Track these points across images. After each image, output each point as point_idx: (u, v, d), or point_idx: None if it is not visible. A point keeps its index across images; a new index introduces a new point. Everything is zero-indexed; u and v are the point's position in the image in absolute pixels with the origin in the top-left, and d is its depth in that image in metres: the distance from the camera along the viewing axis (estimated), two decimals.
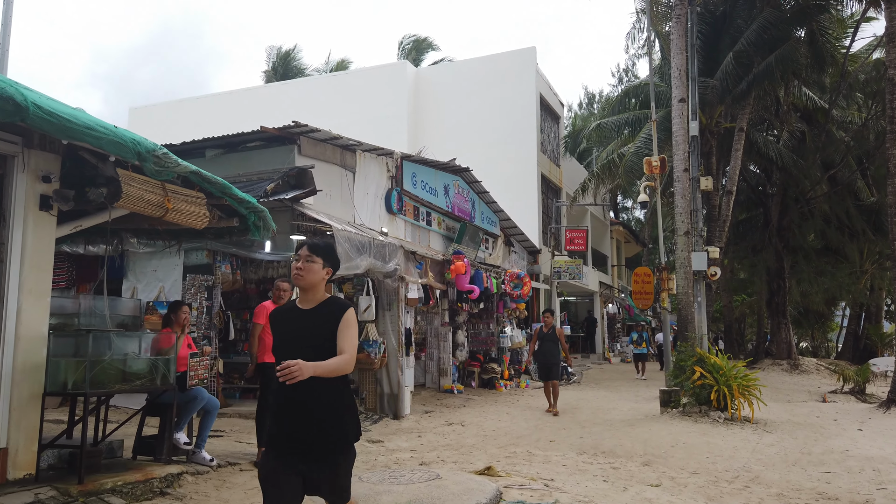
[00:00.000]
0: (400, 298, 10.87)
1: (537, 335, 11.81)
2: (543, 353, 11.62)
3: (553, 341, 11.59)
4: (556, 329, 11.71)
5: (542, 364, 11.77)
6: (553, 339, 11.60)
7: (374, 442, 8.86)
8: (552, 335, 11.62)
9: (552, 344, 11.59)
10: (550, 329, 11.67)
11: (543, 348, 11.59)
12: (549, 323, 11.75)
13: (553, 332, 11.66)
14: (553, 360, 11.55)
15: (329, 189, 10.47)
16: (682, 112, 14.63)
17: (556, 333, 11.66)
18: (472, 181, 16.19)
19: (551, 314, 11.99)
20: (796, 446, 8.73)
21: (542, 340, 11.64)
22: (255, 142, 9.70)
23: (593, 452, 8.49)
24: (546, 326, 11.74)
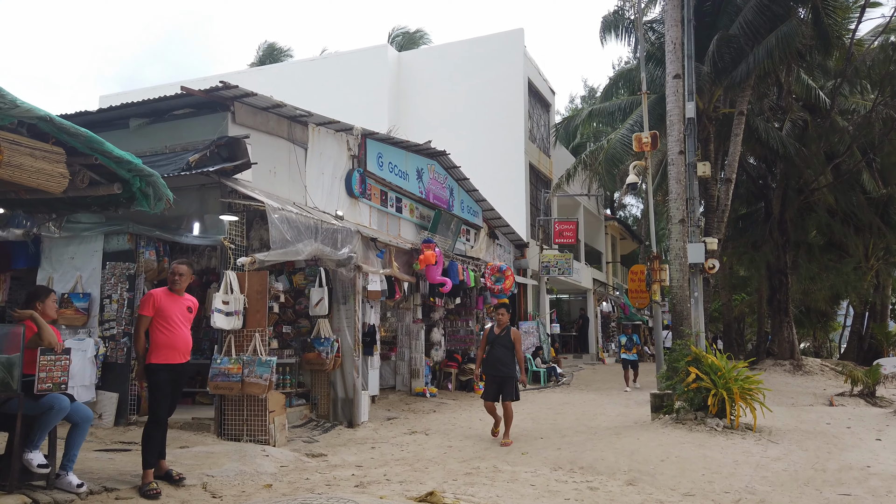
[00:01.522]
0: (357, 290, 9.62)
1: (486, 338, 8.71)
2: (492, 363, 8.50)
3: (507, 347, 8.49)
4: (511, 331, 8.61)
5: (490, 377, 8.57)
6: (507, 343, 8.50)
7: (315, 456, 7.60)
8: (506, 339, 8.52)
9: (505, 351, 8.48)
10: (505, 330, 8.59)
11: (493, 356, 8.50)
12: (504, 322, 8.64)
13: (507, 334, 8.55)
14: (505, 371, 8.46)
15: (274, 166, 9.21)
16: (677, 89, 13.38)
17: (512, 337, 8.55)
18: (450, 166, 14.93)
19: (507, 310, 8.76)
20: (807, 461, 7.47)
21: (493, 345, 8.55)
22: (182, 109, 8.44)
23: (570, 468, 7.24)
24: (499, 326, 8.62)
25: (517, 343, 8.58)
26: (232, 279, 7.74)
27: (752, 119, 19.78)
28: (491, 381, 8.57)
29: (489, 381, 8.59)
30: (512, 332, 8.62)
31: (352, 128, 10.55)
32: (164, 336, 5.60)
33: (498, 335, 8.57)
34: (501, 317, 8.69)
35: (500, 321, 8.68)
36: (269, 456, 7.16)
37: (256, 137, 8.76)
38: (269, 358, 7.58)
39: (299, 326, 9.85)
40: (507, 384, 8.50)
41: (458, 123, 21.02)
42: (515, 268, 19.83)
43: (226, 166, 7.54)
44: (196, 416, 8.28)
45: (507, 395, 8.51)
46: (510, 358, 8.50)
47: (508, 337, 8.56)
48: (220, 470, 6.26)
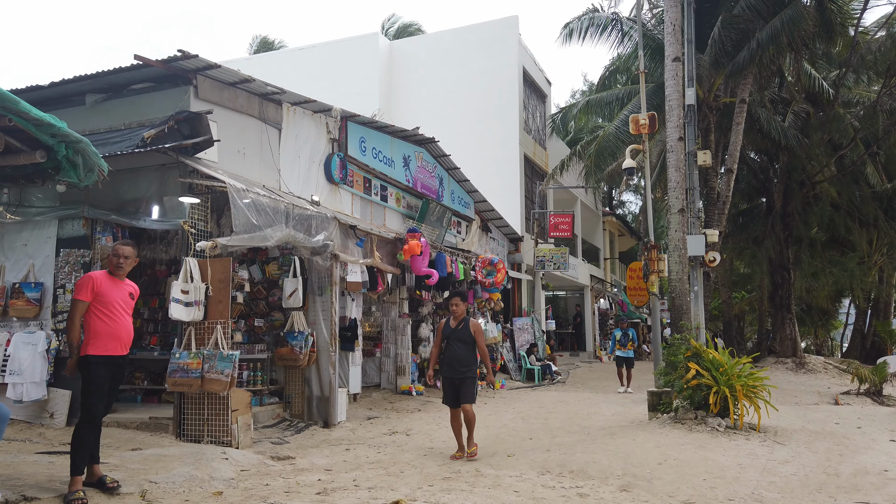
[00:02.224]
0: (334, 281, 8.99)
1: (441, 333, 7.32)
2: (449, 362, 7.13)
3: (465, 342, 7.11)
4: (470, 323, 7.18)
5: (447, 381, 7.21)
6: (466, 338, 7.12)
7: (281, 459, 6.97)
8: (464, 332, 7.12)
9: (463, 347, 7.10)
10: (462, 323, 7.16)
11: (450, 354, 7.13)
12: (460, 314, 7.20)
13: (466, 327, 7.14)
14: (464, 371, 7.08)
15: (244, 146, 8.58)
16: (676, 72, 12.74)
17: (472, 330, 7.14)
18: (440, 154, 14.30)
19: (462, 299, 7.31)
20: (818, 464, 6.85)
21: (449, 341, 7.16)
22: (142, 83, 7.81)
23: (559, 472, 6.62)
24: (455, 318, 7.21)
25: (478, 336, 7.19)
26: (192, 266, 7.11)
27: (753, 109, 19.15)
28: (449, 384, 7.17)
29: (447, 385, 7.20)
30: (471, 325, 7.18)
31: (330, 108, 9.93)
32: (104, 324, 4.98)
33: (454, 329, 7.17)
34: (456, 308, 7.21)
35: (454, 313, 7.23)
36: (228, 459, 6.54)
37: (223, 115, 8.13)
38: (232, 352, 6.96)
39: (272, 320, 9.23)
40: (466, 385, 7.13)
41: (451, 113, 20.39)
42: (509, 262, 19.21)
43: (184, 143, 6.90)
44: (155, 415, 7.66)
45: (466, 396, 7.14)
46: (470, 355, 7.15)
47: (467, 330, 7.12)
48: (168, 475, 5.63)
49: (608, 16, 19.06)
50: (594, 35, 18.50)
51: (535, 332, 18.88)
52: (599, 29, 18.43)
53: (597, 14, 19.25)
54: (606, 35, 18.55)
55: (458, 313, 7.25)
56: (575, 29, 18.50)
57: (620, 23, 18.49)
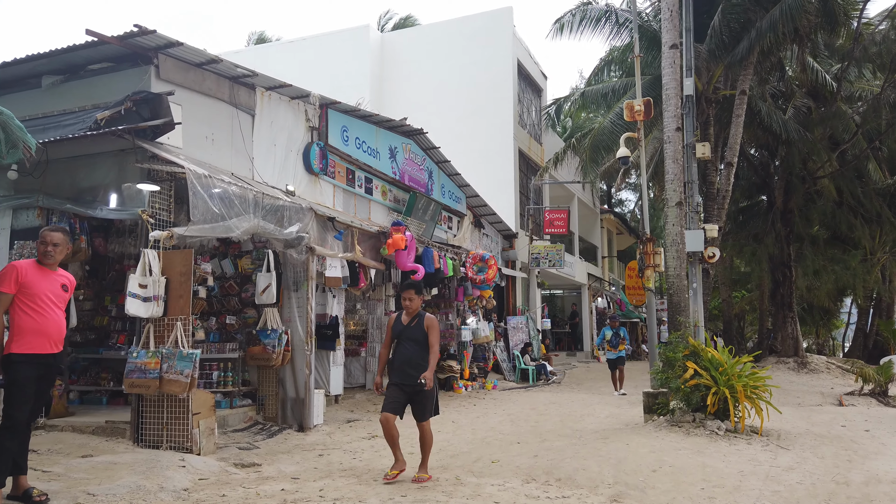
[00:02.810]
0: (310, 276, 8.47)
1: (391, 330, 6.15)
2: (399, 366, 5.93)
3: (419, 342, 5.93)
4: (424, 318, 6.00)
5: (395, 385, 5.93)
6: (418, 336, 5.94)
7: (246, 466, 6.46)
8: (416, 330, 5.95)
9: (416, 348, 5.92)
10: (416, 319, 6.00)
11: (400, 355, 5.98)
12: (414, 309, 6.02)
13: (419, 324, 5.97)
14: (416, 371, 5.81)
15: (213, 132, 8.07)
16: (674, 60, 12.22)
17: (425, 326, 5.96)
18: (429, 147, 13.78)
19: (417, 292, 6.09)
20: (826, 471, 6.33)
21: (400, 340, 6.03)
22: (100, 63, 7.30)
23: (545, 479, 6.11)
24: (407, 314, 6.04)
25: (431, 332, 5.94)
26: (151, 259, 6.59)
27: (754, 102, 18.66)
28: (397, 391, 5.88)
29: (393, 390, 5.91)
30: (426, 321, 5.99)
31: (308, 94, 9.42)
32: (31, 319, 4.47)
33: (407, 325, 5.99)
34: (409, 302, 6.02)
35: (407, 308, 6.04)
36: (186, 467, 6.02)
37: (189, 97, 7.62)
38: (192, 351, 6.45)
39: (245, 317, 8.71)
40: (422, 397, 5.87)
41: (444, 107, 19.87)
42: (504, 259, 18.71)
43: (140, 125, 6.39)
44: (112, 418, 7.14)
45: (422, 411, 5.93)
46: (423, 357, 5.89)
47: (420, 327, 5.94)
48: (111, 486, 5.12)
49: (602, 7, 18.57)
50: (588, 27, 18.00)
51: (529, 332, 18.37)
52: (592, 21, 17.92)
53: (590, 6, 18.75)
54: (600, 28, 18.05)
55: (412, 308, 6.03)
56: (567, 23, 18.00)
57: (615, 14, 17.98)
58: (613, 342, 13.85)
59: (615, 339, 13.86)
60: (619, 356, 13.92)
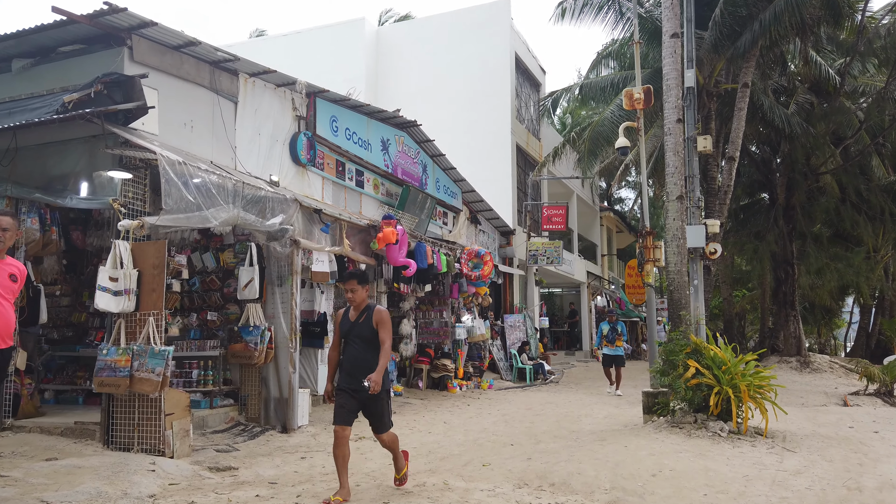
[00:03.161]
0: (295, 270, 8.11)
1: (338, 329, 5.30)
2: (349, 369, 5.11)
3: (369, 340, 5.08)
4: (374, 313, 5.11)
5: (343, 390, 5.12)
6: (367, 334, 5.08)
7: (221, 470, 6.11)
8: (365, 327, 5.09)
9: (365, 348, 5.09)
10: (364, 314, 5.14)
11: (349, 357, 5.14)
12: (360, 301, 5.16)
13: (369, 320, 5.09)
14: (367, 374, 4.94)
15: (192, 119, 7.71)
16: (674, 49, 11.86)
17: (375, 322, 5.07)
18: (423, 140, 13.42)
19: (361, 282, 5.17)
20: (835, 475, 5.97)
21: (348, 339, 5.17)
22: (72, 45, 6.94)
23: (538, 484, 5.76)
24: (355, 309, 5.19)
25: (381, 328, 5.07)
26: (122, 250, 6.24)
27: (756, 96, 18.29)
28: (347, 397, 5.07)
29: (343, 397, 5.09)
30: (375, 315, 5.10)
31: (294, 82, 9.06)
32: None
33: (355, 322, 5.13)
34: (352, 294, 5.11)
35: (351, 300, 5.16)
36: (155, 471, 5.67)
37: (165, 82, 7.27)
38: (164, 348, 6.09)
39: (227, 313, 8.36)
40: (376, 406, 5.13)
41: (440, 101, 19.49)
42: (501, 256, 18.35)
43: (110, 108, 6.03)
44: (82, 419, 6.79)
45: (379, 422, 5.20)
46: (371, 355, 5.06)
47: (369, 323, 5.08)
48: (69, 493, 4.76)
49: None
50: (589, 15, 17.61)
51: (527, 330, 18.01)
52: (595, 9, 17.53)
53: None
54: (602, 15, 17.67)
55: (357, 301, 5.16)
56: (568, 8, 17.61)
57: (617, 2, 17.58)
58: (610, 337, 13.24)
59: (612, 334, 13.26)
60: (618, 354, 13.29)
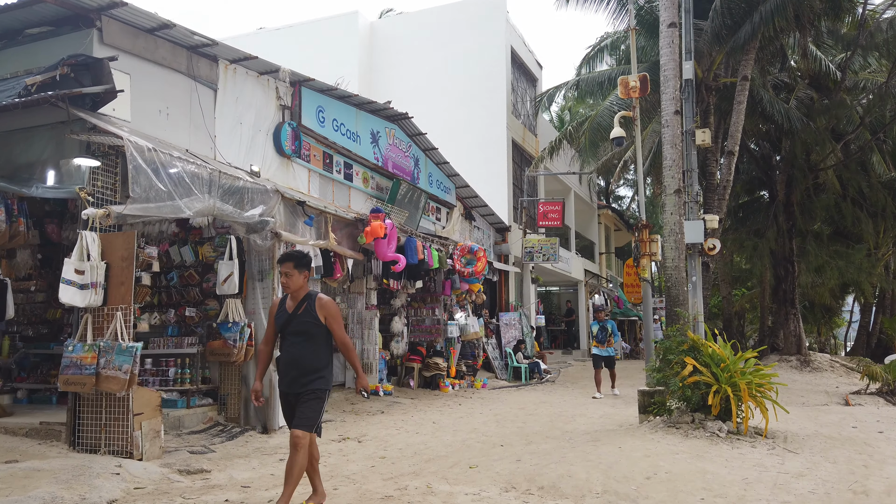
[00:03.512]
0: (276, 264, 7.78)
1: (273, 320, 4.61)
2: (285, 368, 4.49)
3: (310, 335, 4.42)
4: (317, 303, 4.44)
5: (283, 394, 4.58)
6: (307, 328, 4.41)
7: (192, 473, 5.79)
8: (307, 319, 4.41)
9: (305, 343, 4.42)
10: (304, 304, 4.45)
11: (287, 354, 4.48)
12: (297, 289, 4.47)
13: (310, 310, 4.42)
14: (307, 383, 4.39)
15: (167, 106, 7.39)
16: (672, 39, 11.55)
17: (318, 312, 4.41)
18: (415, 133, 13.10)
19: (298, 265, 4.45)
20: (840, 478, 5.66)
21: (285, 334, 4.50)
22: (39, 27, 6.62)
23: (526, 487, 5.45)
24: (293, 298, 4.52)
25: (332, 322, 4.40)
26: (89, 242, 5.93)
27: (755, 90, 17.97)
28: (286, 403, 4.55)
29: (284, 404, 4.60)
30: (318, 304, 4.39)
31: (277, 70, 8.74)
32: None
33: (292, 314, 4.42)
34: (286, 279, 4.41)
35: (285, 286, 4.45)
36: (120, 474, 5.36)
37: (139, 66, 6.95)
38: (132, 344, 5.77)
39: (207, 309, 8.04)
40: (305, 402, 4.36)
41: (435, 95, 19.18)
42: (496, 253, 18.04)
43: (74, 91, 5.71)
44: (47, 419, 6.47)
45: (301, 417, 4.36)
46: (318, 355, 4.40)
47: (311, 315, 4.37)
48: (21, 498, 4.44)
49: None
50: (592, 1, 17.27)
51: (523, 328, 17.71)
52: None
53: None
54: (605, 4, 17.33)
55: (293, 288, 4.41)
56: None
57: None
58: (600, 337, 12.36)
59: (601, 333, 12.40)
60: (609, 355, 12.42)
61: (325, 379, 4.49)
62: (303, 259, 4.54)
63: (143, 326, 6.87)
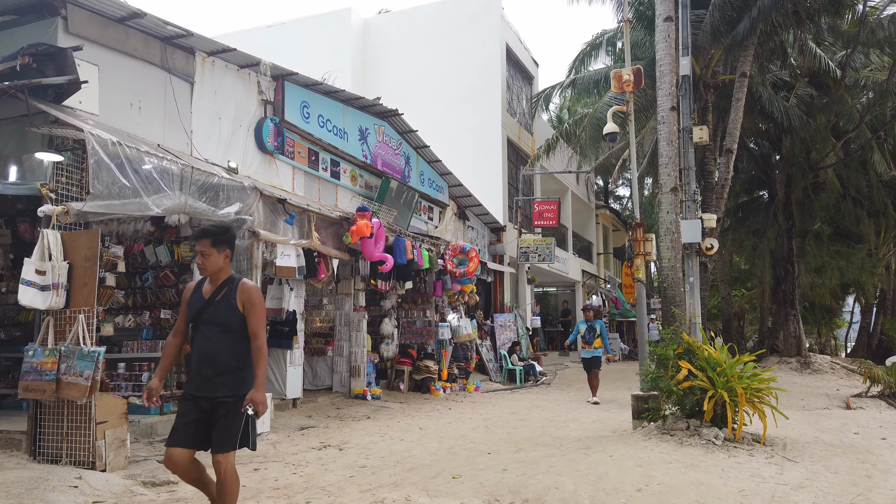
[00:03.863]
0: (255, 264, 7.50)
1: (186, 306, 3.84)
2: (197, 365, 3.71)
3: (225, 327, 3.69)
4: (238, 287, 3.70)
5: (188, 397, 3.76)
6: (226, 318, 3.68)
7: (158, 484, 5.48)
8: (223, 308, 3.69)
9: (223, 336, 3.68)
10: (224, 289, 3.72)
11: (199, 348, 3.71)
12: (216, 271, 3.73)
13: (229, 297, 3.68)
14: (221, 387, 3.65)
15: (140, 99, 7.09)
16: (668, 34, 11.27)
17: (239, 299, 3.66)
18: (406, 130, 12.81)
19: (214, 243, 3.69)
20: (842, 489, 5.35)
21: (198, 324, 3.75)
22: (2, 16, 6.31)
23: (510, 500, 5.16)
24: (211, 282, 3.78)
25: (252, 314, 3.68)
26: (51, 241, 5.62)
27: (755, 88, 17.67)
28: (192, 406, 3.72)
29: (185, 407, 3.77)
30: (240, 289, 3.70)
31: (258, 63, 8.44)
32: None
33: (209, 301, 3.72)
34: (202, 259, 3.71)
35: (201, 268, 3.74)
36: (79, 487, 5.06)
37: (108, 58, 6.66)
38: (94, 349, 5.47)
39: None
40: (226, 416, 3.66)
41: (428, 93, 18.88)
42: (491, 253, 17.74)
43: (33, 82, 5.41)
44: (9, 427, 6.17)
45: (220, 438, 3.69)
46: (237, 351, 3.70)
47: (229, 304, 3.68)
48: None
49: None
50: None
51: (518, 330, 17.41)
52: None
53: None
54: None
55: (211, 268, 3.70)
56: None
57: None
58: (587, 338, 11.61)
59: (589, 334, 11.65)
60: (595, 356, 11.65)
61: (243, 382, 3.68)
62: (222, 235, 3.75)
63: (108, 330, 6.56)
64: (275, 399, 8.53)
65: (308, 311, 10.96)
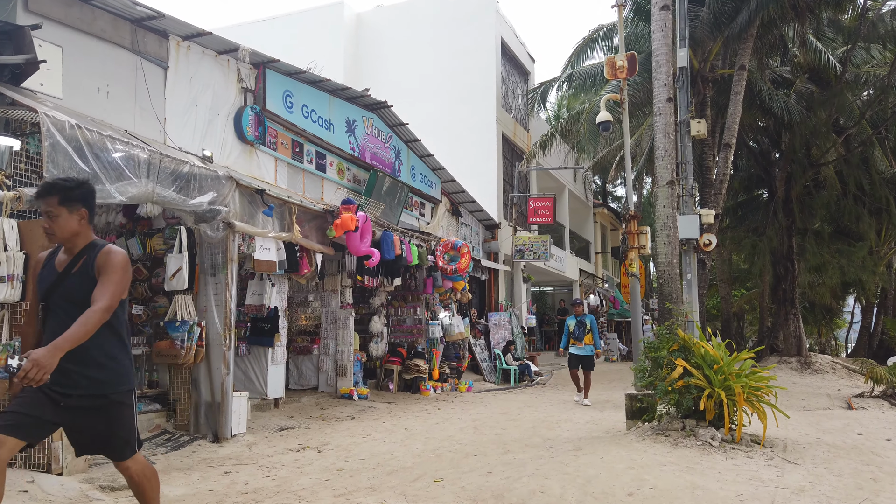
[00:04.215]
0: (230, 258, 7.16)
1: (37, 281, 3.15)
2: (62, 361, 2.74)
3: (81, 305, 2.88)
4: (97, 256, 2.97)
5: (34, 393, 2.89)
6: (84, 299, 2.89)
7: (117, 489, 5.15)
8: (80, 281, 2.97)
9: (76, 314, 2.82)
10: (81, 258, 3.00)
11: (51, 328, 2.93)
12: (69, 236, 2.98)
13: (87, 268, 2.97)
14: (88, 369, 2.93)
15: (108, 84, 6.76)
16: (665, 23, 10.94)
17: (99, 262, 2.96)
18: (396, 123, 12.48)
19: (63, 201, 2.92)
20: (846, 493, 5.02)
21: (51, 300, 3.00)
22: None
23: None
24: (67, 252, 3.06)
25: (102, 274, 2.93)
26: (7, 230, 5.29)
27: (754, 82, 17.36)
28: (40, 396, 2.91)
29: (27, 396, 2.93)
30: (99, 258, 2.96)
31: (237, 48, 8.12)
32: None
33: (64, 273, 3.00)
34: (51, 222, 2.96)
35: (48, 232, 3.01)
36: (29, 492, 4.72)
37: (73, 39, 6.33)
38: None
39: (156, 306, 7.40)
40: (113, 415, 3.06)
41: (422, 88, 18.57)
42: (485, 251, 17.40)
43: None
44: None
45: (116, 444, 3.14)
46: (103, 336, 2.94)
47: (87, 276, 2.96)
48: None
49: None
50: None
51: (513, 329, 17.07)
52: None
53: None
54: None
55: (62, 233, 2.98)
56: None
57: None
58: (577, 334, 11.01)
59: (579, 330, 11.03)
60: (586, 354, 11.01)
61: (122, 374, 3.01)
62: (73, 191, 2.94)
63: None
64: (255, 399, 8.19)
65: (293, 308, 10.64)
